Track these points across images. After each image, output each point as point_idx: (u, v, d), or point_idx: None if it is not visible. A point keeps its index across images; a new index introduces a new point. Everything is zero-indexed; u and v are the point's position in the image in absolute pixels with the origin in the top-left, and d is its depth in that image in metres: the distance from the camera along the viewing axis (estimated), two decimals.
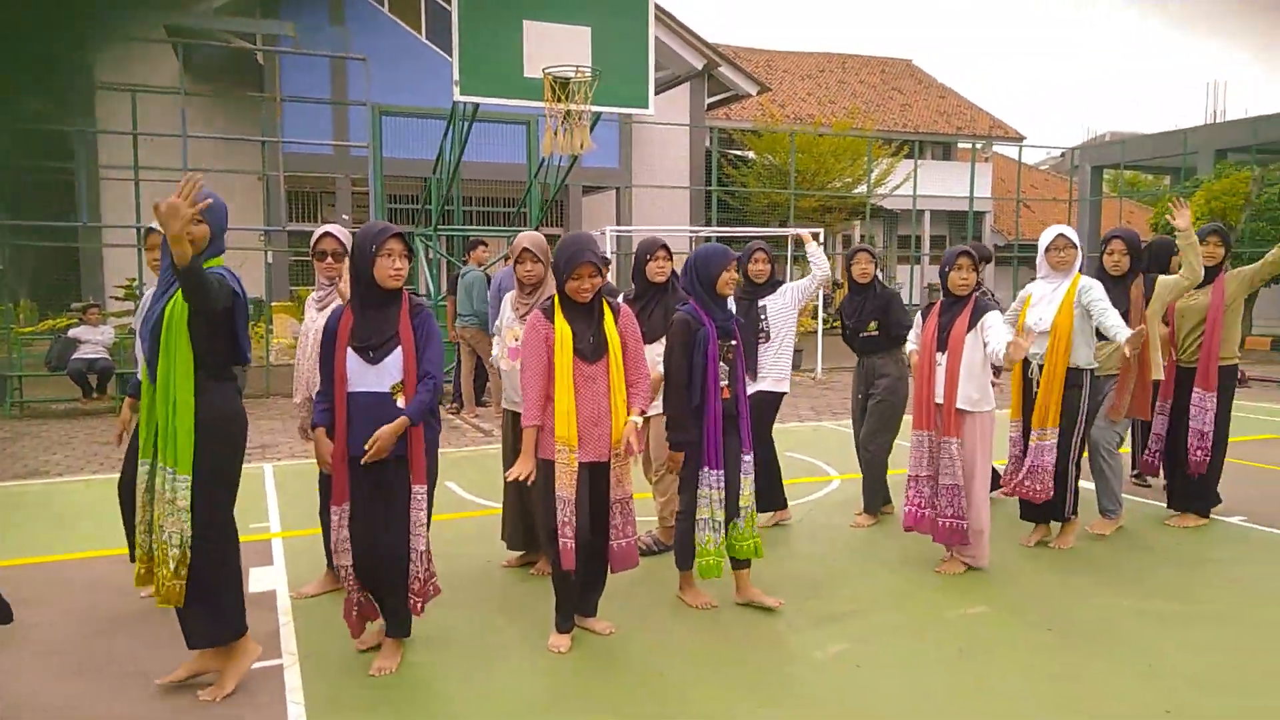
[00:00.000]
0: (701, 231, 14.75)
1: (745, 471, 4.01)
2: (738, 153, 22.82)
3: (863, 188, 19.12)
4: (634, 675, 3.46)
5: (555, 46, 8.38)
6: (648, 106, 9.20)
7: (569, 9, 8.54)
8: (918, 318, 4.84)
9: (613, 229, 13.08)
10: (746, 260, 5.21)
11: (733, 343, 3.99)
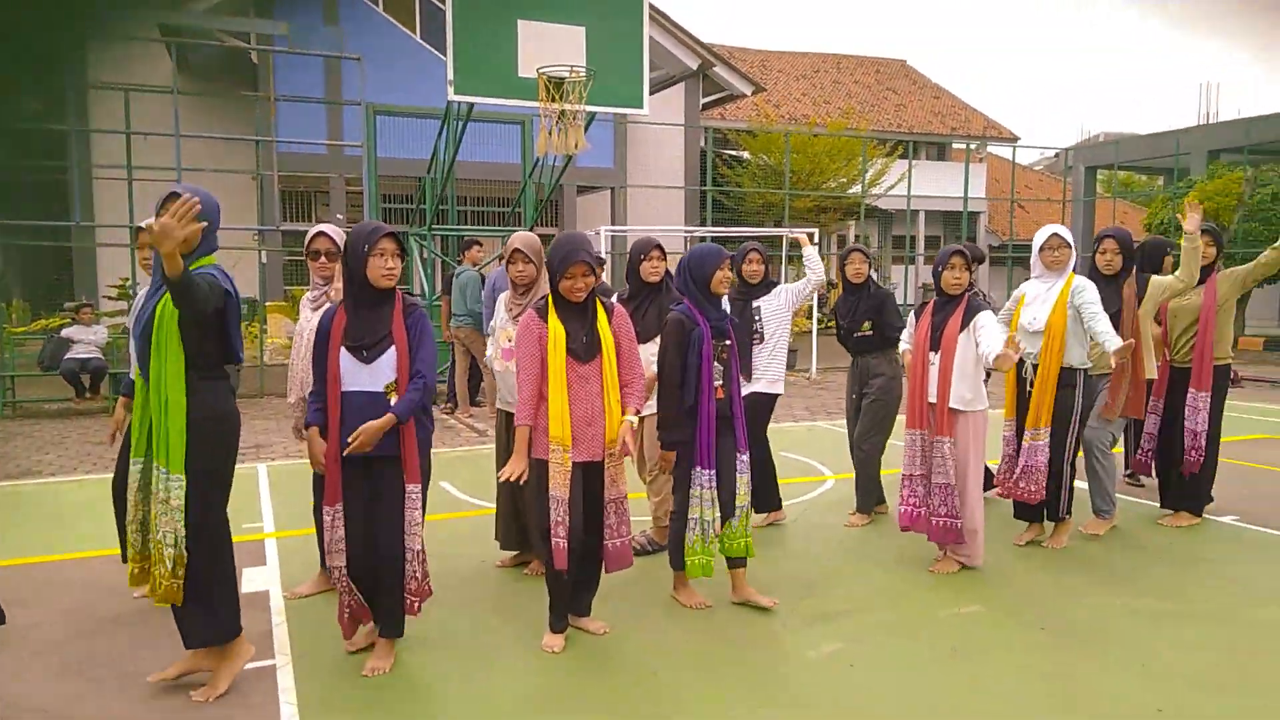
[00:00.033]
0: (696, 231, 14.75)
1: (741, 471, 4.02)
2: (732, 153, 22.82)
3: (857, 188, 19.15)
4: (628, 675, 3.46)
5: (550, 46, 8.37)
6: (642, 106, 9.19)
7: (563, 9, 8.53)
8: (910, 317, 4.85)
9: (608, 229, 13.09)
10: (740, 261, 5.21)
11: (727, 342, 3.99)
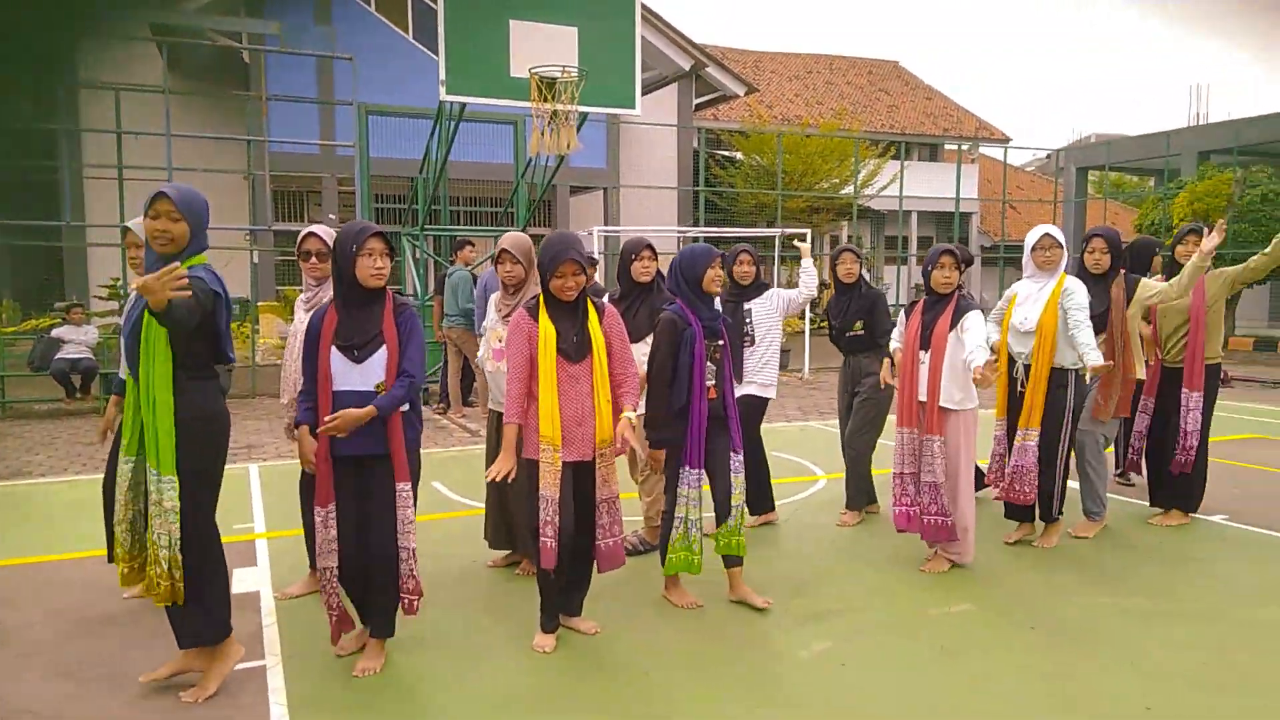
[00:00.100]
0: (689, 232, 14.76)
1: (735, 470, 4.02)
2: (725, 153, 22.85)
3: (850, 188, 19.17)
4: (619, 675, 3.46)
5: (542, 46, 8.36)
6: (635, 107, 9.18)
7: (556, 9, 8.52)
8: (900, 316, 4.86)
9: (600, 229, 13.08)
10: (731, 262, 5.21)
11: (719, 342, 4.00)
